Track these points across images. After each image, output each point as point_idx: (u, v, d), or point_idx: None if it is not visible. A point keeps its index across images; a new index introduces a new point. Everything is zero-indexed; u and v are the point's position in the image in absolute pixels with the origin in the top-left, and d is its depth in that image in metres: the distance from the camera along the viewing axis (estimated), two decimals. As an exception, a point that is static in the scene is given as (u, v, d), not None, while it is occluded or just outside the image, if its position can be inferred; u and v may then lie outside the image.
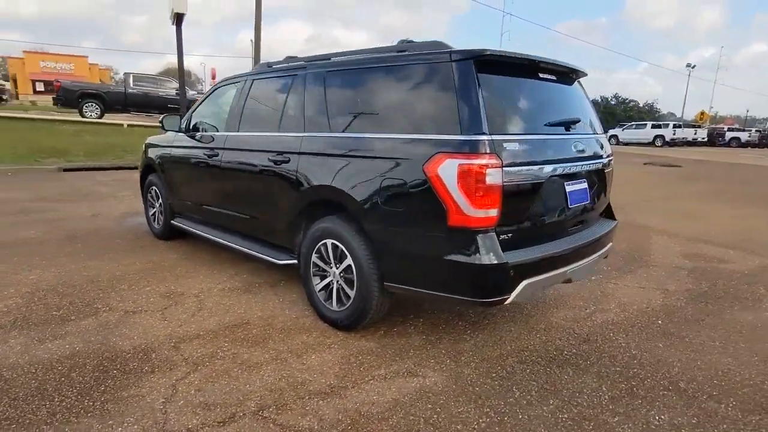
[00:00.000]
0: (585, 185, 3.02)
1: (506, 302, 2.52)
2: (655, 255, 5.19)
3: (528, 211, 2.64)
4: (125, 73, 17.05)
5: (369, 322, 3.00)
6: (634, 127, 35.17)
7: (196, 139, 4.37)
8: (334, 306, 3.10)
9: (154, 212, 5.23)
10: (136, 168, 10.26)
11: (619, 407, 2.37)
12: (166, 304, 3.47)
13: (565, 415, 2.30)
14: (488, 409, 2.33)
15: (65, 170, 10.80)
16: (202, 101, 4.58)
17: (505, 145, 2.46)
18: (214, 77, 44.29)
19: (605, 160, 3.27)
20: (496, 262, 2.40)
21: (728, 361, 2.89)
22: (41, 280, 3.85)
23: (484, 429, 2.19)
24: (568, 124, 2.93)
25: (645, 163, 17.58)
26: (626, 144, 33.57)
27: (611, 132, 35.78)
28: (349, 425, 2.17)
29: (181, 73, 11.47)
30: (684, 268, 4.74)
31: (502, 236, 2.49)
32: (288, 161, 3.29)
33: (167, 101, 16.69)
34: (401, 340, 3.02)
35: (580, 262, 2.91)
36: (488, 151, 2.38)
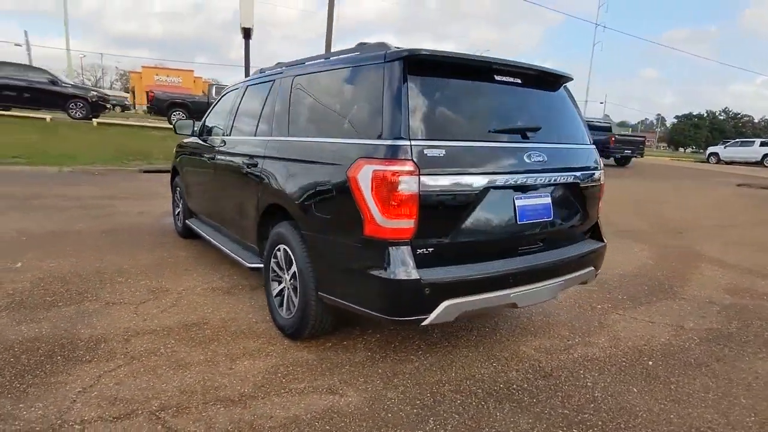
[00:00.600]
0: (546, 200, 2.70)
1: (424, 323, 2.30)
2: (692, 286, 4.53)
3: (456, 224, 2.39)
4: (209, 85, 18.47)
5: (312, 333, 2.89)
6: (738, 144, 31.47)
7: (202, 143, 4.55)
8: (284, 313, 3.04)
9: (178, 212, 5.52)
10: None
11: (540, 456, 2.06)
12: (147, 298, 3.61)
13: (470, 457, 2.03)
14: (388, 439, 2.13)
15: (144, 171, 11.80)
16: (213, 106, 4.77)
17: (426, 151, 2.25)
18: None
19: (583, 174, 2.90)
20: (405, 278, 2.20)
21: (713, 419, 2.41)
22: (57, 268, 4.18)
23: (371, 460, 2.00)
24: (521, 131, 2.64)
25: (738, 185, 15.64)
26: (728, 163, 30.13)
27: (710, 150, 32.33)
28: (233, 437, 2.09)
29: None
30: (719, 303, 4.09)
31: (420, 251, 2.28)
32: (256, 165, 3.30)
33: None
34: (344, 354, 2.88)
35: (531, 286, 2.59)
36: (404, 157, 2.19)
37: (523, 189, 2.59)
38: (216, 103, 4.76)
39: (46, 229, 5.44)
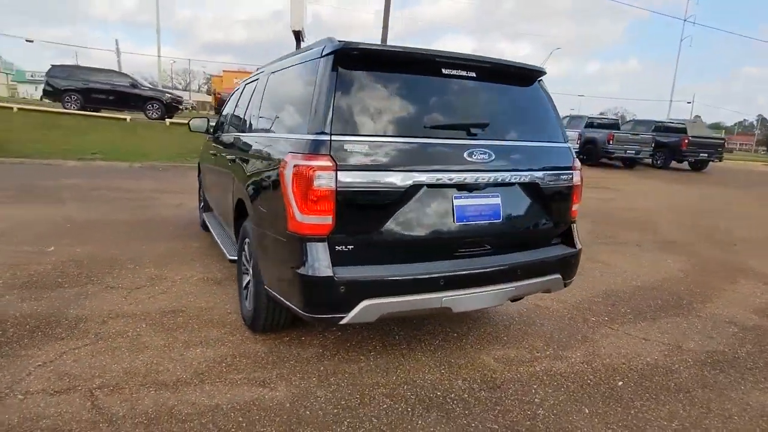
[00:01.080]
0: (495, 201, 2.54)
1: (342, 322, 2.25)
2: (716, 303, 4.06)
3: (380, 222, 2.30)
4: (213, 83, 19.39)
5: (267, 325, 2.92)
6: None
7: (212, 140, 4.76)
8: (247, 305, 3.10)
9: (201, 205, 5.81)
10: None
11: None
12: (142, 285, 3.84)
13: (369, 463, 1.96)
14: (295, 436, 2.11)
15: None
16: (225, 105, 4.98)
17: (346, 146, 2.20)
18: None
19: (546, 174, 2.71)
20: (319, 275, 2.16)
21: (665, 450, 2.14)
22: (80, 253, 4.55)
23: (268, 455, 1.99)
24: (465, 128, 2.50)
25: (835, 194, 13.76)
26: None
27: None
28: (149, 419, 2.17)
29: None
30: (740, 324, 3.63)
31: (338, 248, 2.23)
32: (234, 161, 3.40)
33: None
34: (295, 349, 2.89)
35: (469, 291, 2.45)
36: (322, 152, 2.16)
37: (463, 188, 2.45)
38: (227, 102, 4.96)
39: (89, 218, 5.94)
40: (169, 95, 18.68)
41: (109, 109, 17.94)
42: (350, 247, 2.26)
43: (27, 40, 44.51)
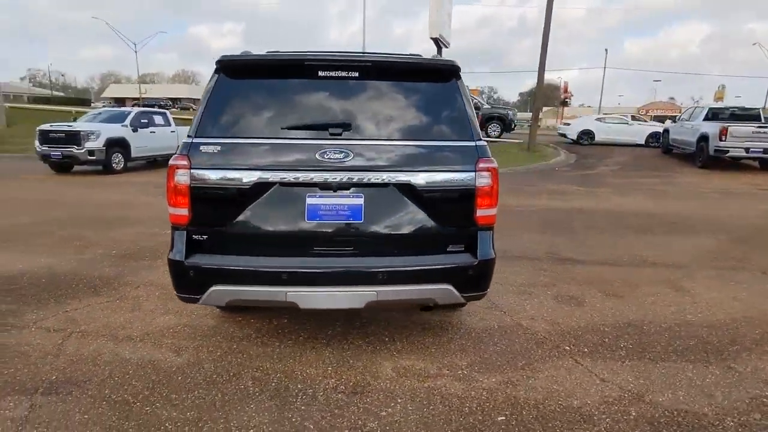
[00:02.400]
0: (356, 201, 2.50)
1: (198, 303, 2.53)
2: (747, 346, 2.97)
3: (231, 216, 2.50)
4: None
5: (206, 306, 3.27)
6: None
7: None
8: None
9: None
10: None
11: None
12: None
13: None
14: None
15: None
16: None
17: (202, 147, 2.46)
18: (566, 90, 44.41)
19: (427, 175, 2.53)
20: (175, 259, 2.49)
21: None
22: (136, 244, 5.44)
23: None
24: (321, 128, 2.53)
25: None
26: None
27: None
28: (80, 358, 2.82)
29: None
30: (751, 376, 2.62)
31: (195, 237, 2.52)
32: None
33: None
34: (233, 328, 3.26)
35: (318, 289, 2.47)
36: (183, 152, 2.48)
37: (316, 187, 2.47)
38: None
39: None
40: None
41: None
42: (205, 237, 2.54)
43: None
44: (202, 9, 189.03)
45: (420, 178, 2.52)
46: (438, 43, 11.90)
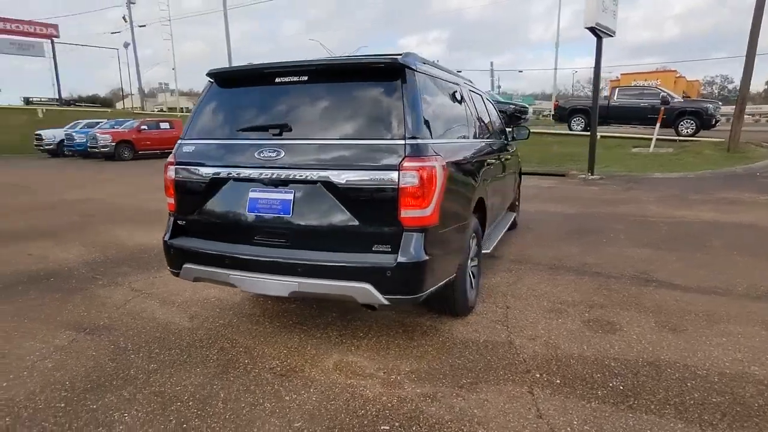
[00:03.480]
0: (287, 197, 2.66)
1: (178, 277, 2.99)
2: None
3: (199, 206, 2.90)
4: (611, 87, 17.42)
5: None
6: None
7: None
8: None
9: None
10: (555, 174, 11.54)
11: None
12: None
13: None
14: None
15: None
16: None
17: (183, 147, 2.95)
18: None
19: (347, 173, 2.55)
20: (164, 239, 3.02)
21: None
22: None
23: None
24: (264, 129, 2.76)
25: None
26: None
27: None
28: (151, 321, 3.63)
29: (595, 83, 11.43)
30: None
31: (179, 222, 3.00)
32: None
33: (647, 112, 15.88)
34: (237, 298, 3.72)
35: (253, 275, 2.69)
36: (173, 152, 2.99)
37: (256, 183, 2.71)
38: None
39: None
40: (513, 106, 19.99)
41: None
42: (183, 222, 3.01)
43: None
44: (410, 21, 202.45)
45: (343, 177, 2.56)
46: (596, 32, 10.65)
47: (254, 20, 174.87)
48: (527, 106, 21.04)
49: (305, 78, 2.76)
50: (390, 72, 2.64)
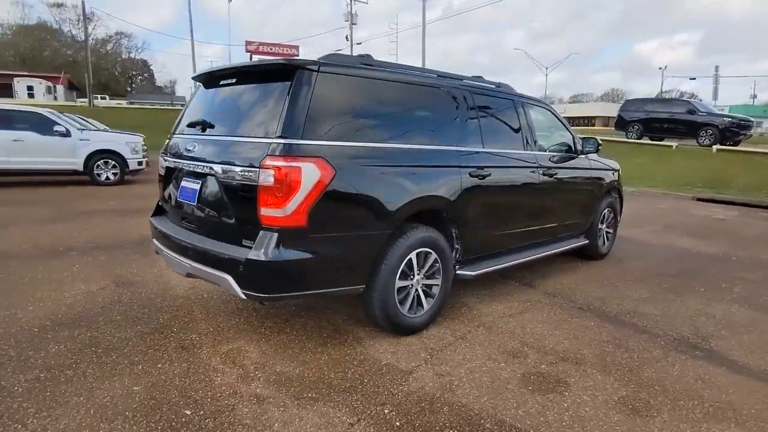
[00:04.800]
0: (195, 186, 2.88)
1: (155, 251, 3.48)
2: None
3: (162, 190, 3.34)
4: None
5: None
6: None
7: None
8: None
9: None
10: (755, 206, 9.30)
11: None
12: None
13: None
14: None
15: (698, 200, 10.96)
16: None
17: (167, 141, 3.42)
18: None
19: (225, 167, 2.68)
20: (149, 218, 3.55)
21: None
22: None
23: None
24: (193, 126, 3.07)
25: None
26: None
27: None
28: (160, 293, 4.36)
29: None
30: None
31: (159, 203, 3.49)
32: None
33: None
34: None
35: (171, 253, 2.98)
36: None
37: (184, 173, 3.02)
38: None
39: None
40: (729, 120, 16.05)
41: (667, 136, 17.76)
42: (160, 204, 3.48)
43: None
44: (653, 23, 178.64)
45: (225, 172, 2.68)
46: None
47: (477, 32, 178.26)
48: (750, 120, 16.52)
49: (233, 80, 2.97)
50: (284, 73, 2.62)
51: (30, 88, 44.08)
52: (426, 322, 3.21)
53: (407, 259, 3.00)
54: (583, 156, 4.71)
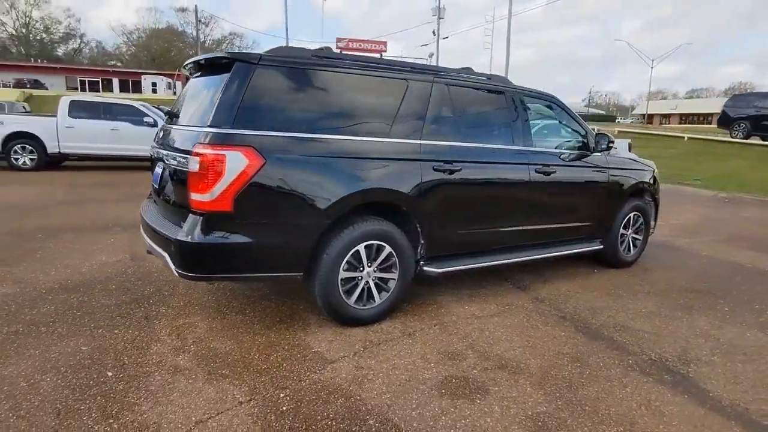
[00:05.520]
0: (159, 171, 3.12)
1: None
2: None
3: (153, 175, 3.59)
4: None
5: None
6: None
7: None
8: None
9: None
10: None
11: None
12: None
13: None
14: None
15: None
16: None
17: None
18: None
19: (173, 153, 2.86)
20: None
21: None
22: None
23: None
24: (169, 116, 3.31)
25: None
26: None
27: None
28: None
29: None
30: None
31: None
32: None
33: None
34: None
35: (142, 232, 3.25)
36: None
37: (156, 159, 3.25)
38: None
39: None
40: None
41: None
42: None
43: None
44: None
45: (170, 158, 2.87)
46: None
47: (585, 23, 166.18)
48: None
49: (200, 72, 3.15)
50: (227, 66, 2.72)
51: (154, 84, 49.52)
52: (376, 315, 3.16)
53: (354, 250, 2.98)
54: (599, 154, 4.28)
